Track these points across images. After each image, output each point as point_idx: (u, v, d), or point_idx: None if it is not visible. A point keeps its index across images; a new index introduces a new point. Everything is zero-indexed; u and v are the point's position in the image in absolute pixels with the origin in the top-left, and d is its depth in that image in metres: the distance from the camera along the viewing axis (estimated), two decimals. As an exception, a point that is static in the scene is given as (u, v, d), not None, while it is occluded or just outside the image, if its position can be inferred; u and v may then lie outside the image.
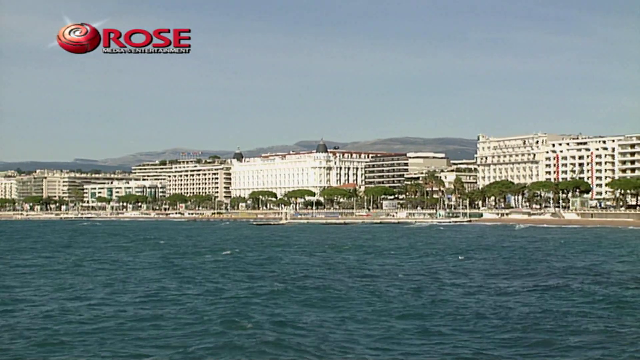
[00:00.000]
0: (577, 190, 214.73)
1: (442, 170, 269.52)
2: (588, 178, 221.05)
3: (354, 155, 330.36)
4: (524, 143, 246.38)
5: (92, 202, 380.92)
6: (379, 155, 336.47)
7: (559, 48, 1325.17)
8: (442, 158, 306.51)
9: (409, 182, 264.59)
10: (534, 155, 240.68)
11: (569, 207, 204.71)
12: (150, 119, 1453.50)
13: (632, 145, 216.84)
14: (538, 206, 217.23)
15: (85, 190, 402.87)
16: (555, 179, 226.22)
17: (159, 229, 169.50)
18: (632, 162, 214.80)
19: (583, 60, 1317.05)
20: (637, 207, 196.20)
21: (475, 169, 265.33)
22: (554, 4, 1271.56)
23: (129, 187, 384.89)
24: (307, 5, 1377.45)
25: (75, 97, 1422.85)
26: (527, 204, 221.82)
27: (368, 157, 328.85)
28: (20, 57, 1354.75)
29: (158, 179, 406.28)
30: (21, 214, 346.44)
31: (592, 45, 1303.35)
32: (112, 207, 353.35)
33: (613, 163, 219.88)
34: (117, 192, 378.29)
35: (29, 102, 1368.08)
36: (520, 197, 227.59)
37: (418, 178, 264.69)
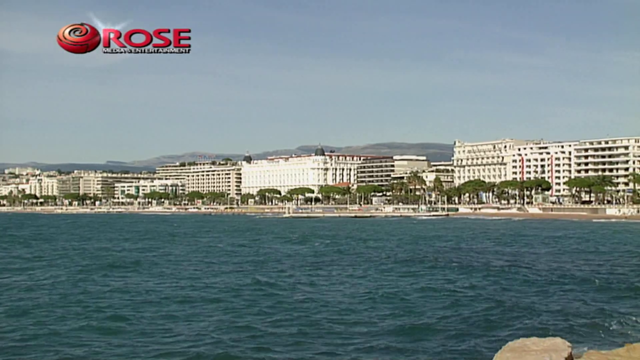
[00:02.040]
0: (539, 188, 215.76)
1: (423, 171, 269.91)
2: (548, 177, 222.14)
3: (348, 158, 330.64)
4: (494, 147, 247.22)
5: (122, 198, 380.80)
6: (369, 158, 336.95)
7: (523, 66, 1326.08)
8: (423, 160, 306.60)
9: (395, 181, 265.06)
10: (502, 158, 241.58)
11: (532, 203, 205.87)
12: (171, 126, 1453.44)
13: (586, 150, 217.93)
14: (506, 202, 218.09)
15: (115, 188, 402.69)
16: (520, 178, 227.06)
17: (205, 221, 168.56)
18: (586, 164, 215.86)
19: (544, 76, 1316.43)
20: (590, 203, 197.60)
21: (452, 170, 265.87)
22: (518, 29, 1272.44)
23: (153, 186, 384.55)
24: (308, 29, 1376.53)
25: (105, 108, 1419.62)
26: (497, 200, 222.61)
27: (360, 159, 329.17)
28: (58, 73, 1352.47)
29: (178, 178, 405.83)
30: (61, 208, 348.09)
31: (551, 64, 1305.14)
32: (139, 203, 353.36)
33: (570, 165, 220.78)
34: (144, 189, 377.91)
35: (66, 113, 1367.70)
36: (490, 194, 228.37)
37: (403, 177, 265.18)
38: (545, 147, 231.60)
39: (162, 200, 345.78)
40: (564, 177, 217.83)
